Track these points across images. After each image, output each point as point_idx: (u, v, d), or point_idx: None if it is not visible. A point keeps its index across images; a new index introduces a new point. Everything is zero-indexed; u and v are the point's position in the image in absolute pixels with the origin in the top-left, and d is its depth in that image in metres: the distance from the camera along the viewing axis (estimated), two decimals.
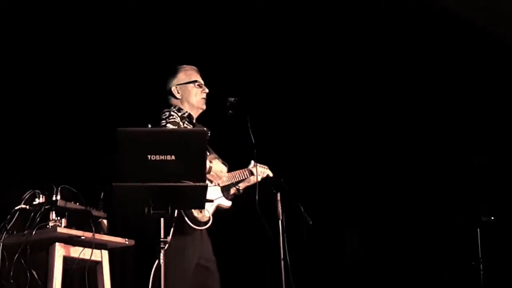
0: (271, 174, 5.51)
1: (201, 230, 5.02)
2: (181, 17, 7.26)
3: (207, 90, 5.28)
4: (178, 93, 5.25)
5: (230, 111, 5.06)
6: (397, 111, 8.35)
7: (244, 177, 5.41)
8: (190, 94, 5.25)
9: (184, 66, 5.34)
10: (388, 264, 8.14)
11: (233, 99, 5.08)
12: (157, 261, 4.02)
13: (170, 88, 5.27)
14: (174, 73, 5.31)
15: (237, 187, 5.42)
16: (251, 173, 5.42)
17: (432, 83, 8.22)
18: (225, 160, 5.32)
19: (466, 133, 8.06)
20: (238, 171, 5.42)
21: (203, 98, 5.28)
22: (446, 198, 7.95)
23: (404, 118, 8.35)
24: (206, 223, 5.05)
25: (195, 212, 4.96)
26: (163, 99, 5.29)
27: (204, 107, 5.28)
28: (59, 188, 4.45)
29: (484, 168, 7.66)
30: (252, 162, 5.42)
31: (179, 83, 5.26)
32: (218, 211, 5.22)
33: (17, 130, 6.24)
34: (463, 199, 7.70)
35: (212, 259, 5.18)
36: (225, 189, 5.36)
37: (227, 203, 5.32)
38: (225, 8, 7.47)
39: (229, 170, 5.34)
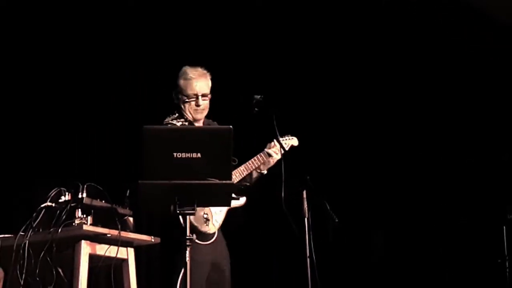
0: (296, 143, 5.49)
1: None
2: (187, 16, 7.26)
3: (200, 103, 5.17)
4: (176, 100, 5.21)
5: (255, 109, 5.03)
6: (423, 110, 8.31)
7: (260, 163, 5.36)
8: (184, 106, 5.18)
9: (187, 70, 5.22)
10: (413, 262, 8.10)
11: (259, 96, 5.03)
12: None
13: (172, 92, 5.25)
14: (179, 75, 5.24)
15: (258, 171, 5.38)
16: (269, 155, 5.35)
17: (458, 81, 8.18)
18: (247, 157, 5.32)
19: (494, 131, 8.00)
20: (253, 159, 5.36)
21: (196, 110, 5.19)
22: (471, 196, 7.91)
23: (429, 116, 8.31)
24: (212, 236, 5.07)
25: (202, 226, 4.98)
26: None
27: (199, 117, 5.21)
28: (85, 186, 4.45)
29: (510, 165, 7.62)
30: (273, 142, 5.36)
31: (176, 89, 5.21)
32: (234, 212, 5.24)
33: (43, 129, 6.29)
34: (489, 196, 7.66)
35: (224, 256, 5.20)
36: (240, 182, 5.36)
37: (240, 202, 5.28)
38: (248, 5, 7.47)
39: (240, 165, 5.33)
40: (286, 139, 5.46)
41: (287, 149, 5.31)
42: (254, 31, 7.62)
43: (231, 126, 3.96)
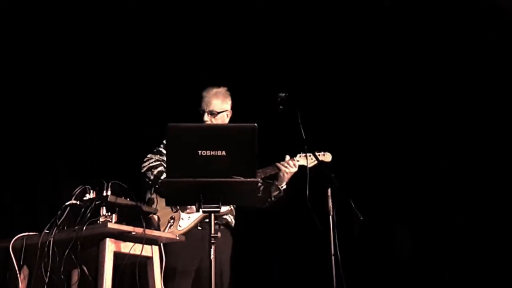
0: (328, 159, 5.48)
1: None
2: (192, 15, 7.25)
3: (205, 119, 5.27)
4: None
5: (280, 107, 5.01)
6: (445, 106, 8.25)
7: (269, 173, 5.33)
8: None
9: (207, 88, 5.38)
10: (439, 259, 8.05)
11: (284, 94, 5.02)
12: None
13: None
14: None
15: (276, 185, 5.35)
16: (278, 169, 5.29)
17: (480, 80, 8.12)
18: (272, 156, 5.30)
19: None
20: (261, 169, 5.35)
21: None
22: (497, 193, 7.85)
23: (453, 113, 8.24)
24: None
25: (163, 229, 4.97)
26: None
27: None
28: (110, 184, 4.45)
29: None
30: (287, 156, 5.35)
31: None
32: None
33: (68, 128, 6.33)
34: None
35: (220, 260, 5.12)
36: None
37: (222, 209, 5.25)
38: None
39: (262, 166, 5.31)
40: (315, 155, 5.43)
41: (311, 164, 5.28)
42: (270, 29, 7.61)
43: (255, 124, 3.95)
